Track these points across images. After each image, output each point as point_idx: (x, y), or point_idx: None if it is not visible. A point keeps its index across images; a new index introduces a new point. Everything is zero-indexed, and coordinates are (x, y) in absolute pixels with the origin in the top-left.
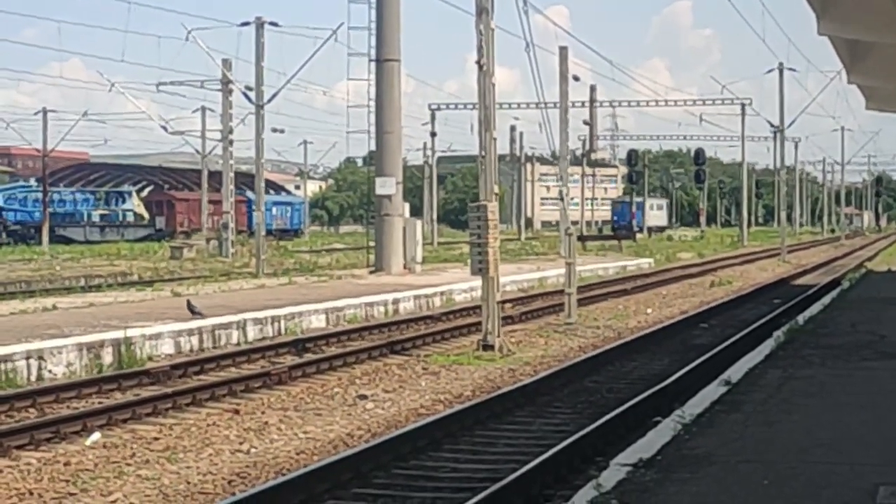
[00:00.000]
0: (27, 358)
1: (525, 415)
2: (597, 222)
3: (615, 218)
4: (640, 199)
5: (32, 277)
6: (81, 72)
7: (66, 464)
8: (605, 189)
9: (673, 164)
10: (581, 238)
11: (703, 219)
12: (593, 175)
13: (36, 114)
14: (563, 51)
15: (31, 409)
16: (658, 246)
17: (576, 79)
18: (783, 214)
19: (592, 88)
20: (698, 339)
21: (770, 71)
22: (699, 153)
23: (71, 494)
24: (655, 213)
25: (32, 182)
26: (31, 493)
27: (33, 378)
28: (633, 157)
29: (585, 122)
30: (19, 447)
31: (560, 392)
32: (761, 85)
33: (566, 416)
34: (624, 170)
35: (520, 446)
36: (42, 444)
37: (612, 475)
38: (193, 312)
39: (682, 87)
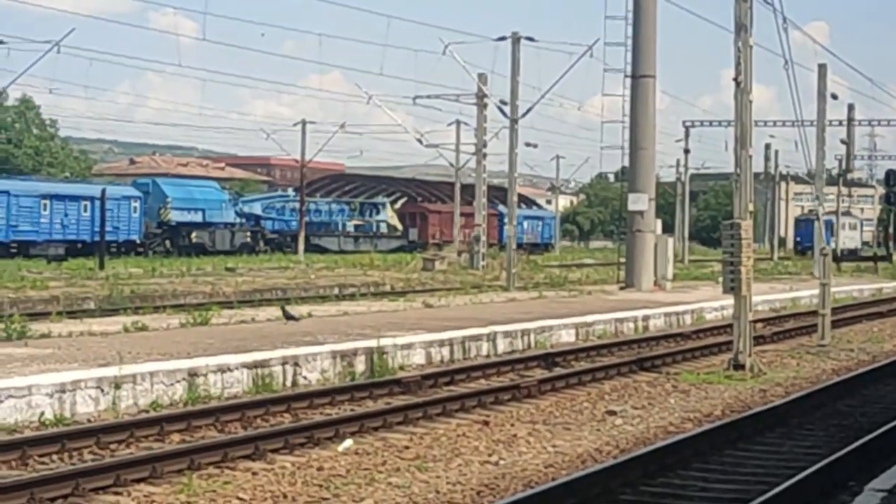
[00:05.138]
0: (283, 364)
1: (776, 436)
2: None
3: (797, 238)
4: (828, 218)
5: (288, 285)
6: (340, 84)
7: (319, 469)
8: (862, 210)
9: None
10: (836, 258)
11: None
12: (849, 195)
13: (295, 125)
14: (822, 68)
15: (286, 414)
16: None
17: (834, 97)
18: None
19: (850, 107)
20: None
21: None
22: None
23: (324, 499)
24: (848, 233)
25: (290, 192)
26: (286, 496)
27: (289, 383)
28: (891, 178)
29: (843, 142)
30: (274, 451)
31: (812, 415)
32: None
33: (818, 439)
34: (881, 190)
35: (770, 468)
36: (296, 449)
37: (866, 500)
38: (288, 318)
39: None
